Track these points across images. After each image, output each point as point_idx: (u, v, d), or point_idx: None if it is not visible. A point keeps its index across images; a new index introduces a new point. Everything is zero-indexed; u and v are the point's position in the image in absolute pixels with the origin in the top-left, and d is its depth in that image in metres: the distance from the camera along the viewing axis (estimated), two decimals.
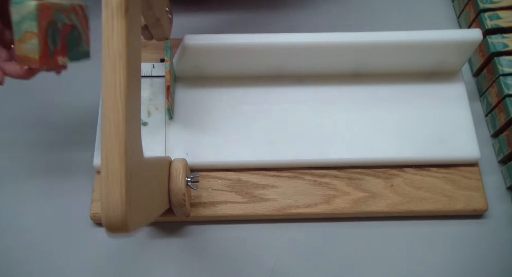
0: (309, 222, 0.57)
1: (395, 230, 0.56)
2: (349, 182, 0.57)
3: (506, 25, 0.62)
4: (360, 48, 0.57)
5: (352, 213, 0.56)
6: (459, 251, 0.55)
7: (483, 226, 0.57)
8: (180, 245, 0.55)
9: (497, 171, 0.60)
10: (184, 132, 0.58)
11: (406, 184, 0.57)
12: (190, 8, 0.70)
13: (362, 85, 0.62)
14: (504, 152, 0.59)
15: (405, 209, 0.56)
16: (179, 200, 0.49)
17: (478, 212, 0.56)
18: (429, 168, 0.58)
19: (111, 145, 0.35)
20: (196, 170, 0.57)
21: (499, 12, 0.63)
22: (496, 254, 0.55)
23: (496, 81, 0.60)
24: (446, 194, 0.56)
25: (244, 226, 0.56)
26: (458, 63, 0.61)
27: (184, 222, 0.56)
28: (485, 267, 0.54)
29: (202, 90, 0.61)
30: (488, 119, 0.63)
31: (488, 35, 0.62)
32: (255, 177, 0.57)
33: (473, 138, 0.58)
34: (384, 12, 0.72)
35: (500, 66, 0.60)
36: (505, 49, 0.61)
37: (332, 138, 0.58)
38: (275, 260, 0.54)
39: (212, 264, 0.54)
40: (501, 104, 0.59)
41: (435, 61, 0.60)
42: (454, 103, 0.61)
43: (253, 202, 0.56)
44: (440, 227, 0.57)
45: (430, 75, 0.62)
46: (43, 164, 0.59)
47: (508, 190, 0.59)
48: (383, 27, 0.69)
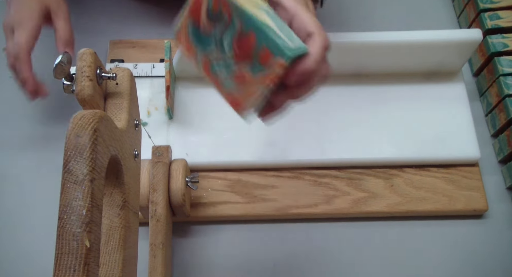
0: (309, 222, 0.57)
1: (395, 230, 0.56)
2: (349, 182, 0.57)
3: (506, 25, 0.62)
4: (360, 48, 0.57)
5: (352, 213, 0.56)
6: (459, 251, 0.55)
7: (483, 226, 0.57)
8: (180, 245, 0.55)
9: (497, 171, 0.60)
10: (184, 132, 0.58)
11: (406, 184, 0.57)
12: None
13: (362, 85, 0.62)
14: (504, 152, 0.59)
15: (405, 209, 0.56)
16: (179, 200, 0.49)
17: (478, 212, 0.56)
18: (429, 168, 0.58)
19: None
20: (196, 170, 0.57)
21: (499, 12, 0.63)
22: (496, 254, 0.55)
23: (496, 81, 0.60)
24: (446, 194, 0.56)
25: (244, 226, 0.56)
26: (458, 63, 0.61)
27: (184, 222, 0.56)
28: (485, 267, 0.54)
29: (202, 90, 0.61)
30: (488, 119, 0.63)
31: (488, 35, 0.62)
32: (255, 177, 0.57)
33: (473, 138, 0.58)
34: (384, 12, 0.72)
35: (500, 66, 0.60)
36: (505, 49, 0.61)
37: (332, 138, 0.58)
38: (275, 260, 0.54)
39: (212, 264, 0.54)
40: (501, 104, 0.59)
41: (435, 61, 0.60)
42: (454, 103, 0.61)
43: (253, 202, 0.56)
44: (440, 227, 0.57)
45: (430, 75, 0.62)
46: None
47: (508, 190, 0.59)
48: (383, 27, 0.69)
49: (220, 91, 0.40)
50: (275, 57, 0.34)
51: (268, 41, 0.34)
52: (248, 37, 0.35)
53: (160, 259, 0.47)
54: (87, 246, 0.26)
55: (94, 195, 0.27)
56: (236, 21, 0.35)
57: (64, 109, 0.63)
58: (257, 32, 0.35)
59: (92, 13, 0.70)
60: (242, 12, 0.35)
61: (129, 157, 0.39)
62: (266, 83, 0.36)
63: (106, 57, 0.64)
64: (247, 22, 0.35)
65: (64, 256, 0.26)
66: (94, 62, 0.35)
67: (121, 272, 0.36)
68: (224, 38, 0.37)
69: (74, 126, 0.28)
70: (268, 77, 0.36)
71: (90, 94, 0.35)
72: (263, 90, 0.36)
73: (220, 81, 0.39)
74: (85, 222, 0.26)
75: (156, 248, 0.47)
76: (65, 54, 0.35)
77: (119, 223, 0.37)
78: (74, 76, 0.35)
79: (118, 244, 0.37)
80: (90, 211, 0.27)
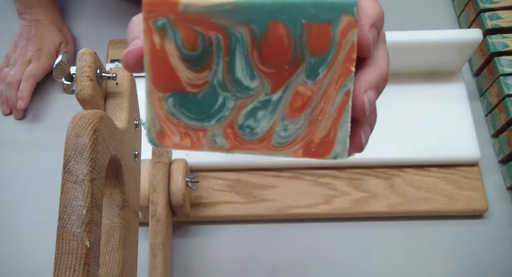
0: (309, 222, 0.57)
1: (395, 230, 0.56)
2: (349, 182, 0.57)
3: (506, 25, 0.62)
4: None
5: (352, 213, 0.56)
6: (459, 251, 0.55)
7: (483, 226, 0.57)
8: (180, 245, 0.55)
9: (497, 171, 0.60)
10: None
11: (406, 184, 0.57)
12: None
13: None
14: (504, 152, 0.59)
15: (405, 209, 0.56)
16: (179, 201, 0.49)
17: (478, 212, 0.56)
18: (429, 168, 0.58)
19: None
20: (196, 170, 0.57)
21: (499, 12, 0.63)
22: (496, 254, 0.55)
23: (496, 81, 0.60)
24: (446, 194, 0.56)
25: (244, 226, 0.56)
26: (458, 63, 0.61)
27: (184, 222, 0.56)
28: (485, 266, 0.54)
29: None
30: (488, 119, 0.63)
31: (488, 35, 0.62)
32: (255, 177, 0.57)
33: (473, 138, 0.58)
34: (384, 12, 0.72)
35: (500, 66, 0.60)
36: (505, 49, 0.61)
37: None
38: (275, 260, 0.54)
39: (212, 264, 0.54)
40: (501, 104, 0.59)
41: (435, 61, 0.60)
42: (454, 103, 0.61)
43: (253, 202, 0.56)
44: (440, 227, 0.57)
45: (430, 75, 0.62)
46: None
47: (508, 190, 0.59)
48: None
49: (270, 152, 0.26)
50: (334, 21, 0.23)
51: (310, 9, 0.22)
52: (273, 34, 0.23)
53: (160, 259, 0.47)
54: (87, 246, 0.26)
55: (94, 195, 0.27)
56: (240, 32, 0.23)
57: (64, 109, 0.63)
58: (285, 14, 0.23)
59: (92, 13, 0.70)
60: (247, 7, 0.23)
61: (129, 157, 0.39)
62: (346, 71, 0.24)
63: (106, 57, 0.64)
64: (260, 13, 0.23)
65: (64, 256, 0.26)
66: (94, 62, 0.35)
67: (121, 272, 0.36)
68: (235, 69, 0.24)
69: (74, 126, 0.28)
70: (342, 60, 0.23)
71: (90, 94, 0.35)
72: (347, 87, 0.24)
73: (262, 139, 0.25)
74: (85, 222, 0.26)
75: (156, 248, 0.47)
76: (65, 54, 0.35)
77: (119, 223, 0.37)
78: (74, 76, 0.35)
79: (118, 244, 0.37)
80: (90, 211, 0.27)
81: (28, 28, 0.63)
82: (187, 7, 0.23)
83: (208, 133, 0.25)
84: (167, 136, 0.26)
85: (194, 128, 0.25)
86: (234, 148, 0.26)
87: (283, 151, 0.25)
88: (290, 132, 0.25)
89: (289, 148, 0.25)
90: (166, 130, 0.26)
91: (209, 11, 0.23)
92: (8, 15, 0.69)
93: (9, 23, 0.67)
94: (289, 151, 0.25)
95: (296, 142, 0.25)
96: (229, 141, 0.26)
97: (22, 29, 0.63)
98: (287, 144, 0.25)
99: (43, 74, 0.62)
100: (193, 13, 0.23)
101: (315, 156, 0.25)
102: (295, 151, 0.25)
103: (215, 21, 0.23)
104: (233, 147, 0.26)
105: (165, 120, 0.25)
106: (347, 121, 0.24)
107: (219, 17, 0.23)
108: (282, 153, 0.26)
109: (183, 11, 0.23)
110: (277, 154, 0.26)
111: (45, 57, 0.62)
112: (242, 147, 0.26)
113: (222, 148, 0.26)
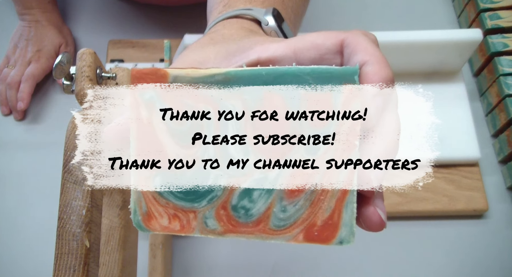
0: None
1: (395, 230, 0.56)
2: None
3: (506, 25, 0.62)
4: None
5: None
6: (459, 251, 0.55)
7: (483, 226, 0.57)
8: (180, 245, 0.55)
9: (497, 171, 0.60)
10: None
11: None
12: (189, 7, 0.70)
13: None
14: (504, 152, 0.59)
15: (405, 209, 0.56)
16: None
17: (478, 212, 0.56)
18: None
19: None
20: None
21: (499, 12, 0.63)
22: (496, 254, 0.55)
23: (496, 81, 0.60)
24: (447, 194, 0.56)
25: None
26: (458, 63, 0.61)
27: None
28: (485, 266, 0.54)
29: None
30: (488, 119, 0.63)
31: (488, 35, 0.62)
32: None
33: (473, 138, 0.58)
34: (384, 12, 0.72)
35: (500, 66, 0.60)
36: (505, 49, 0.61)
37: None
38: (275, 260, 0.54)
39: (212, 264, 0.54)
40: (501, 104, 0.59)
41: (435, 61, 0.60)
42: (454, 103, 0.61)
43: None
44: (440, 227, 0.56)
45: (430, 75, 0.62)
46: None
47: (508, 190, 0.59)
48: (383, 27, 0.69)
49: (268, 236, 0.24)
50: (335, 90, 0.21)
51: (307, 79, 0.21)
52: (268, 106, 0.21)
53: (160, 259, 0.47)
54: (87, 246, 0.26)
55: (94, 195, 0.27)
56: (233, 104, 0.22)
57: (64, 109, 0.63)
58: (281, 84, 0.21)
59: (92, 13, 0.70)
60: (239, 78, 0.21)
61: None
62: (350, 145, 0.21)
63: (106, 57, 0.64)
64: (253, 84, 0.21)
65: (64, 256, 0.26)
66: (94, 62, 0.35)
67: (121, 272, 0.36)
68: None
69: (74, 126, 0.28)
70: (345, 133, 0.22)
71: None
72: (353, 157, 0.22)
73: (258, 221, 0.23)
74: (85, 222, 0.26)
75: (156, 248, 0.47)
76: (65, 54, 0.35)
77: (119, 223, 0.37)
78: (73, 76, 0.35)
79: (118, 244, 0.37)
80: (90, 211, 0.27)
81: (28, 29, 0.63)
82: (176, 79, 0.22)
83: (199, 215, 0.23)
84: (154, 218, 0.23)
85: (184, 209, 0.23)
86: (227, 232, 0.24)
87: (281, 235, 0.23)
88: (289, 213, 0.23)
89: (288, 231, 0.23)
90: (153, 212, 0.23)
91: (199, 83, 0.21)
92: (8, 15, 0.69)
93: (9, 23, 0.67)
94: (289, 235, 0.23)
95: (296, 225, 0.23)
96: (222, 224, 0.24)
97: (22, 30, 0.63)
98: (286, 227, 0.23)
99: (43, 75, 0.62)
100: (183, 84, 0.22)
101: (318, 241, 0.23)
102: (295, 235, 0.23)
103: (205, 93, 0.21)
104: (227, 231, 0.24)
105: (152, 201, 0.23)
106: (353, 201, 0.22)
107: (210, 88, 0.21)
108: (280, 238, 0.23)
109: (172, 82, 0.22)
110: (275, 238, 0.23)
111: (45, 58, 0.62)
112: (236, 230, 0.24)
113: (214, 232, 0.24)
